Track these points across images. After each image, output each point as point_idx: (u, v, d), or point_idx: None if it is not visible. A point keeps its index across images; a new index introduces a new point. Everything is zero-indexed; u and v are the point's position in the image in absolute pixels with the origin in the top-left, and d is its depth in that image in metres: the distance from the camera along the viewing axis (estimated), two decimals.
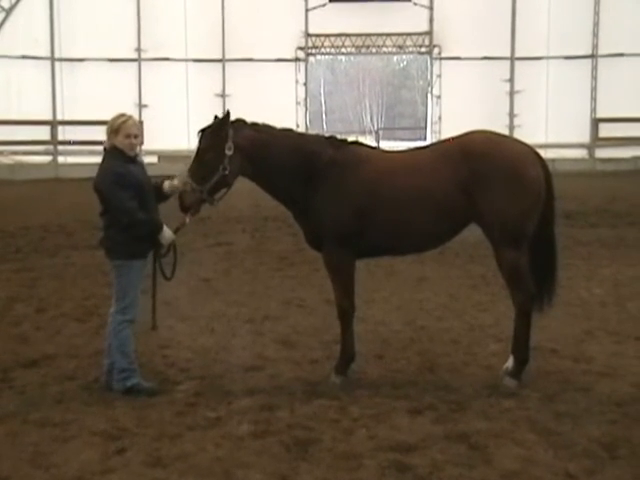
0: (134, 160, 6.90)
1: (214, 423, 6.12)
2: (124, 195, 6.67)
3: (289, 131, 7.43)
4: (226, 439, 5.79)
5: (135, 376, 6.84)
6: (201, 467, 5.35)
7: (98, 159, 7.07)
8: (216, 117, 7.10)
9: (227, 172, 6.89)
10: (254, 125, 7.14)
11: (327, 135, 7.52)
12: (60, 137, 33.77)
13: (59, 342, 8.49)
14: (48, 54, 33.99)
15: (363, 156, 7.16)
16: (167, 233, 6.86)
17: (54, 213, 19.71)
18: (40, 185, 27.91)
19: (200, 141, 6.98)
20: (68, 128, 33.62)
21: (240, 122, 7.09)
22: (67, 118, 33.84)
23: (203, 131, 7.01)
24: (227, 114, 7.02)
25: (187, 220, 7.01)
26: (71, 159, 33.51)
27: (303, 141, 7.25)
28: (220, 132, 6.93)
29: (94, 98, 32.92)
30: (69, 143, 31.80)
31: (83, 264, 13.04)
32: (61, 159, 34.01)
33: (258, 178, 7.19)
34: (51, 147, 33.99)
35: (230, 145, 6.89)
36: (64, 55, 34.08)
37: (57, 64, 34.17)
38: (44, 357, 7.91)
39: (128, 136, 6.82)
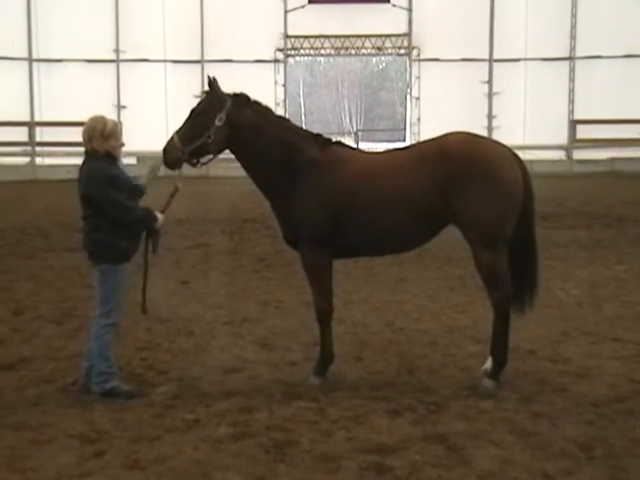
0: (116, 162, 6.94)
1: (192, 425, 6.10)
2: (121, 196, 6.72)
3: (285, 120, 7.44)
4: (204, 441, 5.78)
5: (114, 379, 6.82)
6: (179, 469, 5.33)
7: (76, 160, 7.05)
8: (212, 80, 7.11)
9: (210, 141, 6.94)
10: (255, 104, 7.17)
11: (315, 133, 7.48)
12: (38, 138, 33.53)
13: (36, 345, 8.45)
14: (25, 55, 33.74)
15: (343, 156, 7.16)
16: (159, 217, 6.94)
17: (31, 215, 19.57)
18: (17, 187, 27.72)
19: (200, 102, 7.09)
20: (46, 129, 33.40)
21: (242, 97, 7.12)
22: (45, 119, 33.62)
23: (207, 93, 7.09)
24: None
25: (179, 185, 7.06)
26: (49, 160, 33.29)
27: (291, 134, 7.20)
28: (217, 101, 6.99)
29: (72, 99, 32.69)
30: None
31: (60, 266, 12.96)
32: (39, 160, 33.78)
33: (242, 158, 7.20)
34: (29, 148, 33.75)
35: (222, 117, 6.93)
36: (41, 56, 33.83)
37: (34, 65, 33.91)
38: (21, 360, 7.87)
39: (117, 140, 6.89)
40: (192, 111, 7.09)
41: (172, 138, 7.02)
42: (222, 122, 6.94)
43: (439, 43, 34.58)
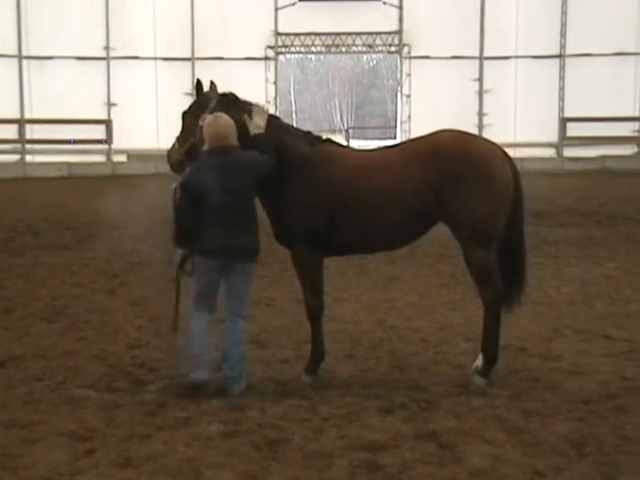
0: None
1: (184, 423, 6.09)
2: (267, 157, 6.91)
3: (275, 118, 7.39)
4: (196, 439, 5.77)
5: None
6: (171, 467, 5.32)
7: (66, 158, 7.02)
8: (212, 83, 7.18)
9: (196, 141, 6.93)
10: (243, 103, 7.13)
11: (305, 130, 7.45)
12: (28, 136, 33.45)
13: (27, 342, 8.42)
14: (15, 52, 33.65)
15: (334, 154, 7.14)
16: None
17: (22, 212, 19.50)
18: (7, 184, 27.62)
19: (191, 104, 7.17)
20: (36, 127, 33.33)
21: (229, 96, 7.11)
22: (35, 117, 33.53)
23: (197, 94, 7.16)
24: (211, 85, 7.16)
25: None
26: (39, 158, 33.20)
27: (280, 132, 7.16)
28: (203, 101, 7.02)
29: (62, 97, 32.70)
30: (70, 142, 31.36)
31: (51, 264, 12.94)
32: (29, 158, 33.69)
33: None
34: (19, 146, 33.66)
35: (205, 117, 6.90)
36: (32, 53, 33.75)
37: (25, 62, 33.83)
38: (12, 358, 7.85)
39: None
40: (183, 113, 7.11)
41: (174, 143, 7.12)
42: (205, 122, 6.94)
43: (430, 41, 34.66)
